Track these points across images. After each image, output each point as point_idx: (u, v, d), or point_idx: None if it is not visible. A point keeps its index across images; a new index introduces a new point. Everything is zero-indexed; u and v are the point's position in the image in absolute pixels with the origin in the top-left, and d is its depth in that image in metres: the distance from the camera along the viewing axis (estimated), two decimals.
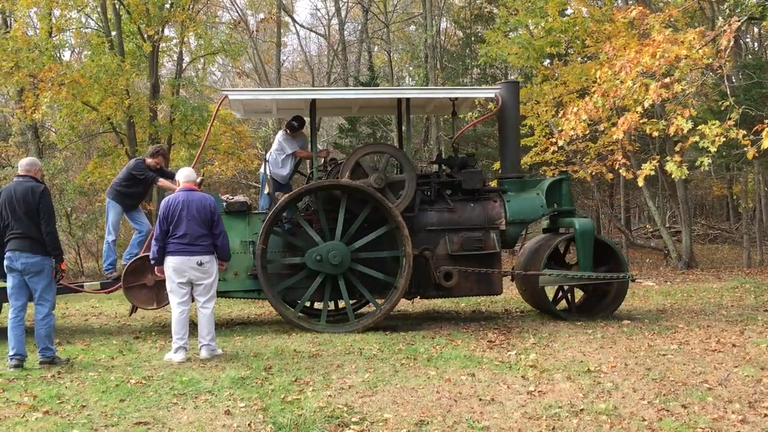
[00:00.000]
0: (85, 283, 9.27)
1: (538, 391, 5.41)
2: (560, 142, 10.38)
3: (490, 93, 9.64)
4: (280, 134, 9.40)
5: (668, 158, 8.78)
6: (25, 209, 6.52)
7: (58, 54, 19.60)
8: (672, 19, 11.86)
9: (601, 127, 11.17)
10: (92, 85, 17.09)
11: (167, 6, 18.97)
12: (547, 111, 16.88)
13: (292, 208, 8.70)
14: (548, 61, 19.88)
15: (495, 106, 9.50)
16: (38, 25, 19.70)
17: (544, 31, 17.29)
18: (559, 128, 9.98)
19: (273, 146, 9.40)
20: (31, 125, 19.45)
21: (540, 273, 8.88)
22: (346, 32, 28.96)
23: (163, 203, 6.94)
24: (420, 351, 7.07)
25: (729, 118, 8.43)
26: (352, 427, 4.63)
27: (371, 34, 29.49)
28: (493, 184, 9.93)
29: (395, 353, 7.00)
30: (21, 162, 6.93)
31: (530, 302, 9.97)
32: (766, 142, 7.62)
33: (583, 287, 9.58)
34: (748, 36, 25.42)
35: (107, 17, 19.28)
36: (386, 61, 29.96)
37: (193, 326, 7.19)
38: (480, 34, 24.85)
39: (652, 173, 9.25)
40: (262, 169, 9.53)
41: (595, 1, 18.52)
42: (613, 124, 9.50)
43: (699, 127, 8.52)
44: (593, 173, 17.69)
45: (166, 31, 20.33)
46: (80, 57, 22.81)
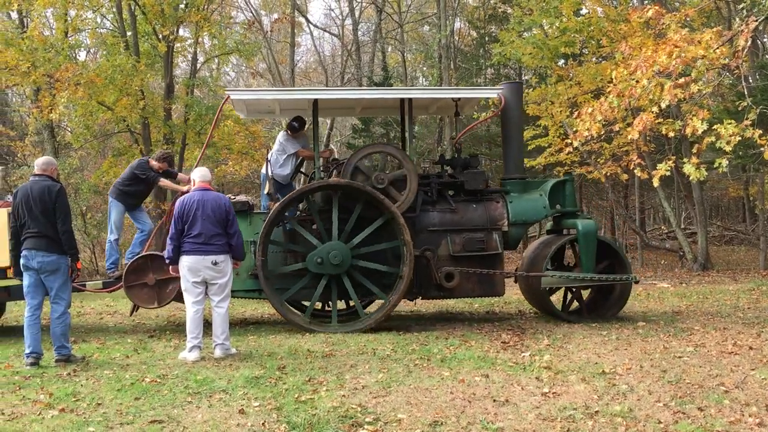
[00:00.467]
0: (87, 282, 9.31)
1: (553, 393, 5.39)
2: (575, 143, 10.33)
3: (493, 93, 9.62)
4: (281, 135, 9.43)
5: (685, 160, 8.70)
6: (42, 208, 6.57)
7: (74, 54, 19.74)
8: (688, 19, 11.76)
9: (616, 128, 11.10)
10: (108, 85, 17.21)
11: (182, 6, 19.04)
12: (561, 111, 16.80)
13: (293, 209, 8.71)
14: (563, 61, 19.80)
15: (498, 106, 9.49)
16: (54, 26, 19.85)
17: (559, 31, 17.21)
18: (574, 129, 9.93)
19: (274, 146, 9.42)
20: (47, 125, 19.59)
21: (542, 274, 8.84)
22: (359, 32, 28.95)
23: (178, 202, 6.97)
24: (434, 351, 7.05)
25: (746, 119, 8.35)
26: (365, 427, 4.63)
27: (385, 34, 29.48)
28: None
29: (409, 354, 6.99)
30: (37, 161, 6.98)
31: (533, 303, 9.93)
32: None
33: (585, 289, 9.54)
34: (766, 36, 25.17)
35: (123, 17, 19.38)
36: (400, 61, 29.93)
37: (207, 325, 7.22)
38: (494, 34, 24.80)
39: (667, 173, 9.18)
40: (263, 169, 9.55)
41: (610, 0, 18.40)
42: (629, 125, 9.43)
43: (714, 126, 8.44)
44: (608, 174, 17.57)
45: (181, 32, 20.43)
46: (96, 57, 22.96)
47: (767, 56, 22.46)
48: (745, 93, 9.72)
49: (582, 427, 4.56)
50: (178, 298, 8.50)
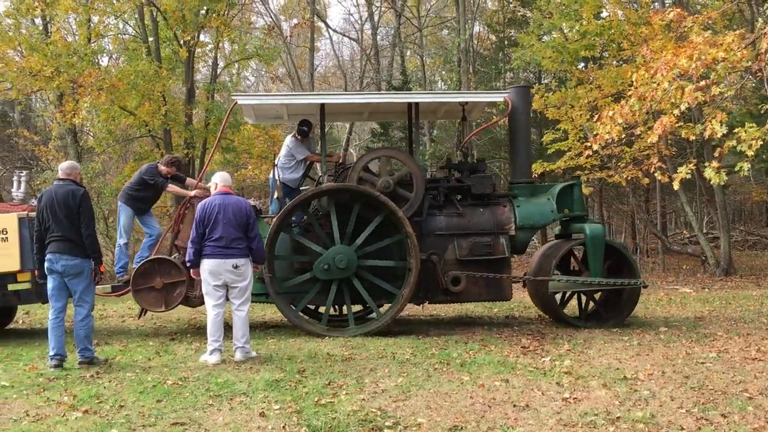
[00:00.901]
0: (96, 287, 9.38)
1: (574, 398, 5.36)
2: (595, 147, 10.27)
3: (499, 97, 9.59)
4: (289, 139, 9.41)
5: (706, 164, 8.62)
6: (66, 212, 6.65)
7: (97, 60, 19.98)
8: (710, 22, 11.67)
9: (637, 131, 11.01)
10: (130, 90, 17.40)
11: (203, 12, 19.23)
12: (581, 115, 16.71)
13: (299, 214, 8.75)
14: (583, 64, 19.69)
15: (505, 111, 9.47)
16: (77, 32, 20.10)
17: (579, 35, 17.12)
18: (594, 132, 9.88)
19: (282, 151, 9.43)
20: (71, 129, 19.84)
21: (549, 278, 8.78)
22: (378, 37, 29.00)
23: (199, 206, 7.03)
24: (453, 356, 7.04)
25: None
26: (385, 431, 4.64)
27: (404, 39, 29.50)
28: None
29: (428, 358, 6.99)
30: (61, 165, 7.08)
31: (541, 308, 9.88)
32: None
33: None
34: None
35: (144, 23, 19.61)
36: (419, 65, 29.93)
37: (228, 328, 7.26)
38: (513, 37, 24.72)
39: (688, 177, 9.10)
40: (271, 174, 9.58)
41: (631, 3, 18.28)
42: (650, 128, 9.35)
43: (735, 130, 8.36)
44: (628, 178, 17.45)
45: (202, 37, 20.61)
46: (118, 62, 23.23)
47: None
48: None
49: None
50: (185, 301, 8.60)
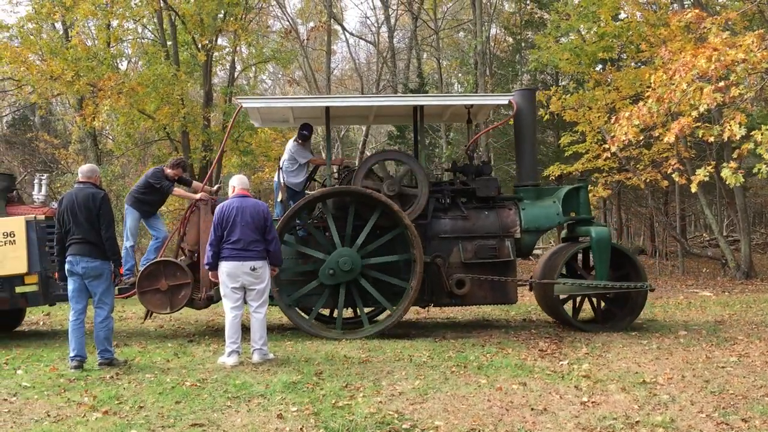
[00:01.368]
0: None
1: (592, 402, 5.33)
2: (613, 148, 10.21)
3: (504, 100, 9.57)
4: (291, 144, 9.41)
5: (724, 165, 8.53)
6: (86, 215, 6.72)
7: (116, 63, 20.20)
8: (730, 23, 11.56)
9: (655, 133, 10.91)
10: (149, 94, 17.55)
11: (220, 16, 19.37)
12: (599, 117, 16.62)
13: (303, 218, 8.79)
14: (600, 66, 19.59)
15: (511, 113, 9.44)
16: (96, 36, 20.33)
17: (597, 36, 17.04)
18: (612, 134, 9.81)
19: (284, 155, 9.44)
20: (90, 133, 20.06)
21: (554, 282, 8.74)
22: (395, 39, 29.02)
23: (217, 209, 7.07)
24: (470, 359, 7.03)
25: None
26: None
27: (420, 41, 29.51)
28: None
29: (445, 360, 6.98)
30: (81, 169, 7.14)
31: (547, 311, 9.83)
32: None
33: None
34: None
35: (163, 28, 19.79)
36: (435, 68, 29.94)
37: (245, 330, 7.30)
38: (530, 39, 24.65)
39: (706, 179, 9.02)
40: (275, 177, 9.59)
41: (649, 5, 18.16)
42: (668, 130, 9.28)
43: (753, 132, 8.27)
44: (647, 180, 17.32)
45: (219, 41, 20.77)
46: (137, 66, 23.46)
47: None
48: None
49: None
50: (190, 303, 8.64)
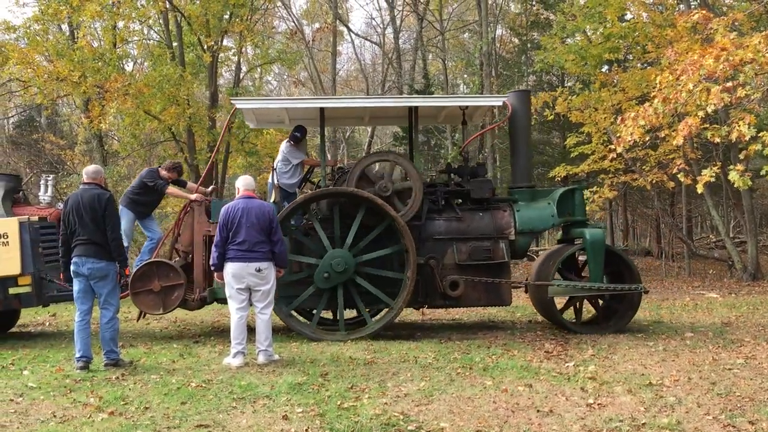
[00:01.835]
0: None
1: (598, 404, 5.31)
2: (618, 149, 10.18)
3: (498, 101, 9.56)
4: (284, 145, 9.42)
5: (731, 166, 8.49)
6: (92, 216, 6.73)
7: (122, 65, 20.24)
8: (736, 23, 11.53)
9: (661, 134, 10.89)
10: (155, 95, 17.59)
11: (226, 17, 19.40)
12: (605, 118, 16.58)
13: (298, 218, 8.78)
14: (606, 67, 19.54)
15: (506, 114, 9.43)
16: (102, 37, 20.38)
17: (603, 37, 17.00)
18: (617, 135, 9.79)
19: (278, 156, 9.44)
20: (96, 134, 20.11)
21: (548, 283, 8.72)
22: (400, 40, 29.03)
23: (223, 210, 7.08)
24: (476, 360, 7.02)
25: None
26: None
27: (426, 42, 29.51)
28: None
29: (450, 362, 6.97)
30: (87, 170, 7.14)
31: (542, 313, 9.81)
32: None
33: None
34: None
35: (169, 29, 19.83)
36: (441, 69, 29.93)
37: (251, 332, 7.30)
38: (536, 40, 24.62)
39: (712, 180, 8.99)
40: (269, 179, 9.60)
41: (656, 5, 18.11)
42: (674, 131, 9.25)
43: (761, 134, 8.23)
44: (653, 181, 17.27)
45: (225, 42, 20.79)
46: (142, 67, 23.52)
47: None
48: None
49: None
50: (183, 304, 8.65)
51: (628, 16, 18.53)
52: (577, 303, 9.47)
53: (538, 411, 5.15)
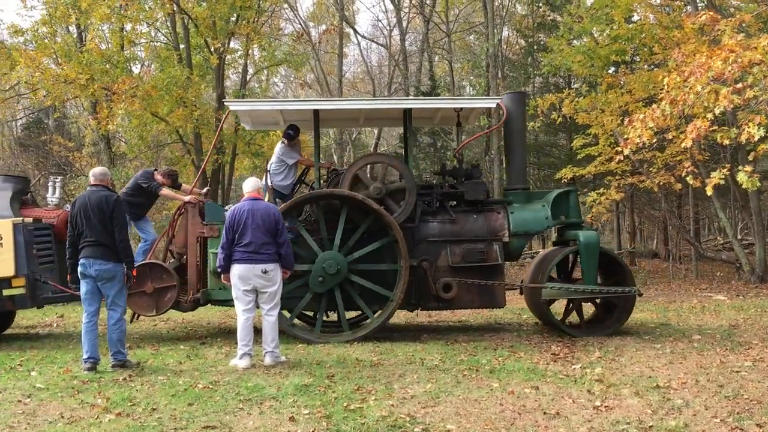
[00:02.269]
0: None
1: (605, 407, 5.29)
2: (626, 151, 10.15)
3: (493, 103, 9.52)
4: (278, 146, 9.40)
5: (739, 168, 8.45)
6: (99, 217, 6.75)
7: (129, 67, 20.32)
8: (744, 25, 11.48)
9: (669, 136, 10.85)
10: (163, 97, 17.65)
11: (233, 19, 19.45)
12: (612, 120, 16.54)
13: (291, 219, 8.75)
14: (613, 68, 19.50)
15: (501, 117, 9.41)
16: (110, 40, 20.48)
17: (610, 39, 16.97)
18: (625, 136, 9.76)
19: (273, 157, 9.43)
20: (104, 136, 20.19)
21: (542, 286, 8.70)
22: (407, 42, 29.04)
23: (229, 212, 7.10)
24: (482, 362, 7.01)
25: None
26: None
27: (432, 44, 29.51)
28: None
29: (457, 364, 6.96)
30: (94, 171, 7.15)
31: (536, 315, 9.80)
32: None
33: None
34: None
35: (176, 31, 19.90)
36: (447, 70, 29.92)
37: (257, 333, 7.31)
38: (542, 42, 24.60)
39: (721, 182, 8.95)
40: (263, 180, 9.60)
41: (663, 7, 18.07)
42: (682, 133, 9.21)
43: None
44: (660, 183, 17.22)
45: (232, 44, 20.84)
46: (149, 70, 23.60)
47: None
48: None
49: None
50: (176, 306, 8.66)
51: (635, 18, 18.49)
52: (571, 305, 9.46)
53: (544, 413, 5.15)
